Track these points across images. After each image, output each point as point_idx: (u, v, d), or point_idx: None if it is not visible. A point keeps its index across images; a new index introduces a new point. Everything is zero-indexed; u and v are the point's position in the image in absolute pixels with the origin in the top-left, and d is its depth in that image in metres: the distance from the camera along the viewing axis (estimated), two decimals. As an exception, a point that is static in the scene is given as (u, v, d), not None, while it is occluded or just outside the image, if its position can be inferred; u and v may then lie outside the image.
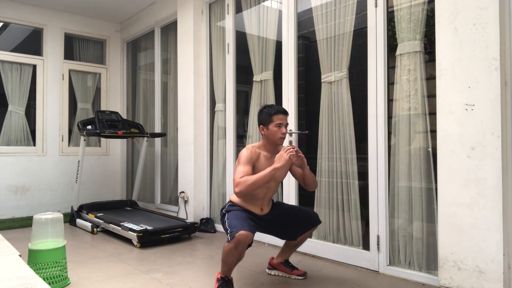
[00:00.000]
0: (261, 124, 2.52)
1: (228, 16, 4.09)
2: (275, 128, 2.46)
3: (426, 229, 2.59)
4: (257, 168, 2.42)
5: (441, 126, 2.34)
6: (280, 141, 2.50)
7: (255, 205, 2.51)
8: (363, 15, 2.88)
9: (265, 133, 2.50)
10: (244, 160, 2.39)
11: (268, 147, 2.53)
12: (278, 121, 2.45)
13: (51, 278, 2.45)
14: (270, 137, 2.49)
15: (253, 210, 2.50)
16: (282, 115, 2.48)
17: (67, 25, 5.43)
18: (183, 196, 4.40)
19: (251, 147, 2.50)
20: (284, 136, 2.49)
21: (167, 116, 5.14)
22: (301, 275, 2.68)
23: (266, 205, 2.58)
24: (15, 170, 4.94)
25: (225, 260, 2.29)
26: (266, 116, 2.48)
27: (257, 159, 2.45)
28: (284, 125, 2.48)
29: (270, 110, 2.48)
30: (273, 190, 2.58)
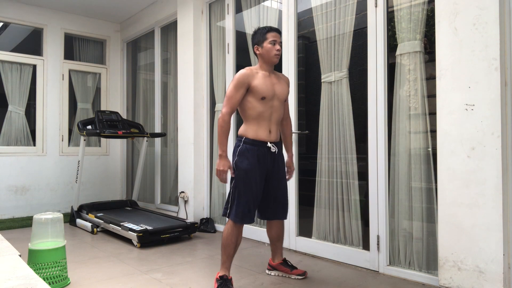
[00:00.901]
0: (256, 44, 2.58)
1: (228, 16, 4.09)
2: (269, 45, 2.51)
3: (426, 229, 2.59)
4: (256, 86, 2.44)
5: (441, 126, 2.34)
6: (275, 58, 2.53)
7: (263, 128, 2.50)
8: (363, 15, 2.88)
9: (260, 52, 2.55)
10: (237, 83, 2.44)
11: (264, 66, 2.56)
12: (272, 38, 2.51)
13: (51, 278, 2.45)
14: (265, 55, 2.53)
15: (262, 135, 2.49)
16: (275, 33, 2.55)
17: (67, 25, 5.43)
18: (183, 196, 4.40)
19: (249, 68, 2.53)
20: (278, 53, 2.53)
21: (167, 116, 5.14)
22: (301, 274, 2.68)
23: (274, 129, 2.56)
24: (15, 170, 4.94)
25: (226, 243, 2.44)
26: (260, 35, 2.55)
27: (255, 77, 2.47)
28: (278, 42, 2.53)
29: (264, 30, 2.56)
30: (278, 110, 2.56)
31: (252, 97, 2.46)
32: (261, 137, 2.49)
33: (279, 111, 2.57)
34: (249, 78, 2.45)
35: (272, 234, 2.73)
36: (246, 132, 2.51)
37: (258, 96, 2.45)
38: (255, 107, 2.46)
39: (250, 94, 2.46)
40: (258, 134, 2.49)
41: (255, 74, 2.49)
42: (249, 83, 2.45)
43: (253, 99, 2.46)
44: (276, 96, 2.52)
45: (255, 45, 2.58)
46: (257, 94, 2.45)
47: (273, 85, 2.52)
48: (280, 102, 2.57)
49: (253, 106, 2.46)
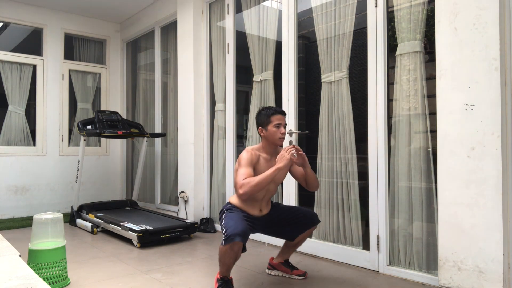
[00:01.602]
0: (260, 126, 2.53)
1: (228, 16, 4.09)
2: (274, 128, 2.47)
3: (426, 229, 2.59)
4: (257, 170, 2.41)
5: (441, 126, 2.34)
6: (280, 142, 2.50)
7: (254, 207, 2.51)
8: (363, 15, 2.88)
9: (264, 135, 2.51)
10: (245, 163, 2.39)
11: (267, 148, 2.54)
12: (277, 122, 2.47)
13: (51, 278, 2.45)
14: (269, 138, 2.49)
15: (252, 212, 2.50)
16: (280, 115, 2.50)
17: (67, 25, 5.43)
18: (183, 196, 4.40)
19: (251, 149, 2.49)
20: (283, 136, 2.49)
21: (167, 116, 5.14)
22: (301, 275, 2.68)
23: (265, 206, 2.58)
24: (15, 170, 4.94)
25: (222, 260, 2.31)
26: (265, 118, 2.50)
27: (257, 162, 2.45)
28: (282, 125, 2.49)
29: (268, 111, 2.50)
30: (272, 191, 2.59)
31: None
32: (251, 214, 2.49)
33: (273, 191, 2.59)
34: (253, 161, 2.42)
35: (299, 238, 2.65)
36: (237, 205, 2.48)
37: None
38: None
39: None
40: (248, 211, 2.48)
41: (257, 159, 2.46)
42: (254, 165, 2.42)
43: None
44: (273, 181, 2.48)
45: (259, 127, 2.53)
46: None
47: None
48: (276, 185, 2.58)
49: None
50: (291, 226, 2.59)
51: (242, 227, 2.23)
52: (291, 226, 2.60)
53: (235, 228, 2.21)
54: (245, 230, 2.23)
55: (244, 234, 2.21)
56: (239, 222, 2.27)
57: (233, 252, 2.23)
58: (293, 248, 2.74)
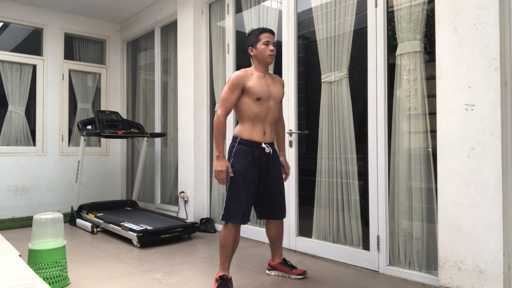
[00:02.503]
0: (250, 46, 2.59)
1: (228, 16, 4.09)
2: (263, 46, 2.52)
3: (426, 229, 2.59)
4: (251, 87, 2.45)
5: (441, 126, 2.34)
6: (269, 59, 2.54)
7: (258, 129, 2.51)
8: (363, 15, 2.88)
9: (254, 54, 2.57)
10: (232, 84, 2.44)
11: (259, 67, 2.57)
12: (265, 39, 2.53)
13: (51, 278, 2.45)
14: (259, 56, 2.55)
15: (257, 136, 2.50)
16: (269, 34, 2.56)
17: (67, 25, 5.43)
18: (183, 196, 4.40)
19: (243, 69, 2.54)
20: (272, 53, 2.54)
21: (167, 116, 5.14)
22: (301, 274, 2.68)
23: (269, 130, 2.57)
24: (15, 170, 4.94)
25: (224, 243, 2.44)
26: (254, 37, 2.56)
27: (250, 79, 2.48)
28: (271, 43, 2.55)
29: (257, 31, 2.58)
30: (273, 111, 2.57)
31: (248, 98, 2.46)
32: (255, 138, 2.50)
33: (275, 112, 2.59)
34: (244, 79, 2.46)
35: (271, 234, 2.73)
36: (241, 133, 2.52)
37: (254, 97, 2.46)
38: (251, 108, 2.47)
39: (246, 95, 2.46)
40: (252, 135, 2.50)
41: (250, 75, 2.50)
42: (244, 84, 2.45)
43: (248, 100, 2.46)
44: (271, 96, 2.54)
45: (249, 47, 2.60)
46: (252, 95, 2.45)
47: (268, 85, 2.53)
48: (276, 103, 2.58)
49: (249, 107, 2.47)
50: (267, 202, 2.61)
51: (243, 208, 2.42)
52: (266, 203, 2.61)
53: (237, 210, 2.42)
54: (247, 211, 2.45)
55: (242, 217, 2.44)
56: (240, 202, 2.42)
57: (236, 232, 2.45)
58: (277, 243, 2.76)
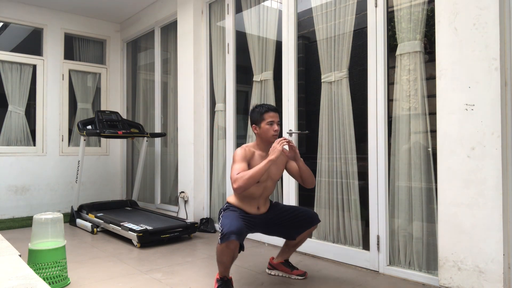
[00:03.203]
0: (254, 124, 2.56)
1: (228, 16, 4.09)
2: (267, 126, 2.49)
3: (426, 229, 2.59)
4: (252, 166, 2.42)
5: (441, 126, 2.34)
6: (273, 139, 2.51)
7: (252, 204, 2.52)
8: (363, 15, 2.88)
9: (258, 132, 2.54)
10: (239, 158, 2.41)
11: (262, 146, 2.55)
12: (270, 119, 2.50)
13: (51, 278, 2.45)
14: (263, 135, 2.52)
15: (250, 210, 2.50)
16: (273, 113, 2.52)
17: (67, 25, 5.43)
18: (183, 196, 4.40)
19: (245, 146, 2.52)
20: (276, 133, 2.51)
21: (167, 116, 5.14)
22: (301, 275, 2.68)
23: (263, 204, 2.58)
24: (15, 170, 4.94)
25: (219, 260, 2.33)
26: (258, 115, 2.53)
27: (252, 158, 2.47)
28: (276, 122, 2.52)
29: (261, 109, 2.53)
30: (270, 189, 2.58)
31: None
32: (249, 212, 2.50)
33: (271, 189, 2.60)
34: (247, 157, 2.44)
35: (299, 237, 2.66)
36: (235, 204, 2.51)
37: None
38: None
39: None
40: (246, 210, 2.50)
41: (252, 155, 2.48)
42: (248, 161, 2.44)
43: None
44: (270, 177, 2.53)
45: (253, 124, 2.56)
46: None
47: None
48: (273, 182, 2.59)
49: None
50: (291, 225, 2.59)
51: (237, 226, 2.22)
52: (291, 226, 2.60)
53: (230, 227, 2.21)
54: (241, 228, 2.22)
55: (239, 233, 2.20)
56: (235, 221, 2.27)
57: (229, 250, 2.23)
58: (293, 248, 2.75)
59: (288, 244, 2.74)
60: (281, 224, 2.60)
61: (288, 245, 2.74)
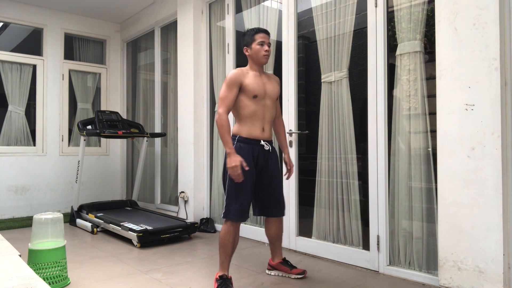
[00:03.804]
0: (245, 46, 2.62)
1: (228, 16, 4.09)
2: (258, 46, 2.55)
3: (426, 229, 2.59)
4: (247, 85, 2.48)
5: (441, 126, 2.34)
6: (264, 59, 2.57)
7: (256, 126, 2.54)
8: (363, 15, 2.88)
9: (249, 54, 2.60)
10: (230, 82, 2.47)
11: (254, 67, 2.61)
12: (260, 39, 2.55)
13: (51, 278, 2.45)
14: (254, 56, 2.58)
15: (255, 133, 2.53)
16: (264, 34, 2.59)
17: (67, 25, 5.43)
18: (183, 196, 4.40)
19: (239, 68, 2.57)
20: (267, 53, 2.57)
21: (167, 116, 5.14)
22: (300, 273, 2.68)
23: (268, 127, 2.60)
24: (15, 170, 4.94)
25: (223, 243, 2.44)
26: (249, 37, 2.59)
27: (246, 77, 2.52)
28: (266, 43, 2.57)
29: (252, 31, 2.60)
30: (271, 109, 2.60)
31: (244, 96, 2.50)
32: (254, 135, 2.53)
33: (272, 110, 2.62)
34: (240, 77, 2.49)
35: (271, 233, 2.73)
36: (240, 130, 2.54)
37: (250, 95, 2.49)
38: (247, 106, 2.50)
39: (242, 93, 2.50)
40: (251, 132, 2.52)
41: (246, 74, 2.53)
42: (241, 82, 2.49)
43: (245, 98, 2.50)
44: (267, 94, 2.57)
45: (244, 47, 2.62)
46: (249, 92, 2.48)
47: (264, 84, 2.56)
48: (272, 101, 2.61)
49: (245, 104, 2.50)
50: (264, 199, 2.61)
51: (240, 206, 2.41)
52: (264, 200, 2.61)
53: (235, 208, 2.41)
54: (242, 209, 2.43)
55: (241, 214, 2.43)
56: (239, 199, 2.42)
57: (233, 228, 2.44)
58: (277, 243, 2.76)
59: (271, 241, 2.77)
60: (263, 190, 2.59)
61: (272, 242, 2.77)
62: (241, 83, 2.48)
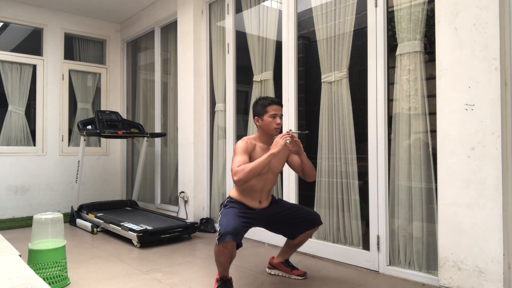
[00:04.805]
0: (256, 116, 2.53)
1: (228, 16, 4.09)
2: (269, 118, 2.47)
3: (426, 229, 2.59)
4: (253, 159, 2.40)
5: (441, 126, 2.34)
6: (275, 132, 2.50)
7: (253, 198, 2.50)
8: (363, 15, 2.88)
9: (260, 125, 2.52)
10: (240, 151, 2.40)
11: (263, 138, 2.54)
12: (273, 112, 2.46)
13: (51, 278, 2.45)
14: (265, 128, 2.50)
15: (251, 204, 2.49)
16: (277, 106, 2.49)
17: (67, 25, 5.43)
18: (183, 196, 4.40)
19: (247, 138, 2.50)
20: (278, 127, 2.49)
21: (167, 116, 5.14)
22: (301, 275, 2.68)
23: (265, 198, 2.56)
24: (15, 170, 4.94)
25: (217, 260, 2.33)
26: (261, 107, 2.50)
27: (253, 150, 2.46)
28: (279, 115, 2.49)
29: (265, 101, 2.50)
30: (271, 182, 2.57)
31: None
32: (250, 206, 2.49)
33: (272, 182, 2.58)
34: (249, 149, 2.43)
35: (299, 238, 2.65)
36: (236, 198, 2.50)
37: None
38: None
39: None
40: (247, 203, 2.49)
41: (253, 148, 2.46)
42: (250, 153, 2.42)
43: None
44: (270, 169, 2.51)
45: (255, 117, 2.53)
46: None
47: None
48: (274, 175, 2.57)
49: None
50: (292, 224, 2.58)
51: (234, 225, 2.21)
52: (292, 224, 2.58)
53: (227, 227, 2.20)
54: (237, 228, 2.22)
55: (236, 233, 2.19)
56: (232, 220, 2.26)
57: (226, 250, 2.23)
58: (294, 248, 2.74)
59: (288, 244, 2.73)
60: (282, 221, 2.58)
61: (289, 245, 2.74)
62: (250, 154, 2.41)
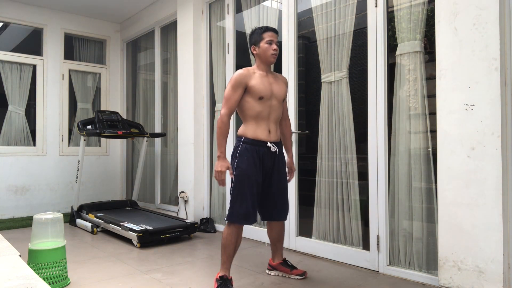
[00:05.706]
0: (253, 44, 2.58)
1: (228, 16, 4.09)
2: (266, 45, 2.51)
3: (426, 229, 2.59)
4: (253, 86, 2.44)
5: (441, 126, 2.34)
6: (272, 58, 2.53)
7: (262, 127, 2.50)
8: (363, 15, 2.88)
9: (257, 52, 2.56)
10: (235, 83, 2.44)
11: (262, 66, 2.57)
12: (269, 38, 2.51)
13: (51, 278, 2.45)
14: (262, 55, 2.53)
15: (261, 135, 2.48)
16: (272, 33, 2.54)
17: (67, 25, 5.43)
18: (183, 196, 4.40)
19: (245, 68, 2.53)
20: (275, 52, 2.53)
21: (167, 116, 5.14)
22: (301, 274, 2.68)
23: (274, 128, 2.56)
24: (15, 170, 4.94)
25: (225, 244, 2.43)
26: (257, 35, 2.56)
27: (252, 77, 2.47)
28: (274, 42, 2.53)
29: (260, 29, 2.56)
30: (277, 110, 2.56)
31: (250, 97, 2.46)
32: (260, 137, 2.49)
33: (278, 111, 2.57)
34: (246, 78, 2.45)
35: (273, 234, 2.73)
36: (245, 132, 2.50)
37: (256, 96, 2.45)
38: (253, 107, 2.46)
39: (248, 94, 2.46)
40: (257, 134, 2.48)
41: (252, 74, 2.49)
42: (246, 83, 2.45)
43: (251, 99, 2.46)
44: (274, 95, 2.53)
45: (252, 45, 2.59)
46: (254, 94, 2.45)
47: (270, 84, 2.52)
48: (279, 102, 2.57)
49: (251, 106, 2.46)
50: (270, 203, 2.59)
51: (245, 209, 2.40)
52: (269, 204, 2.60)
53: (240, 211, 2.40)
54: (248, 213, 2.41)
55: (247, 218, 2.41)
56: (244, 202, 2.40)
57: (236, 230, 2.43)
58: (278, 244, 2.76)
59: (273, 242, 2.76)
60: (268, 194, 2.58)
61: (273, 243, 2.76)
62: (246, 84, 2.45)
